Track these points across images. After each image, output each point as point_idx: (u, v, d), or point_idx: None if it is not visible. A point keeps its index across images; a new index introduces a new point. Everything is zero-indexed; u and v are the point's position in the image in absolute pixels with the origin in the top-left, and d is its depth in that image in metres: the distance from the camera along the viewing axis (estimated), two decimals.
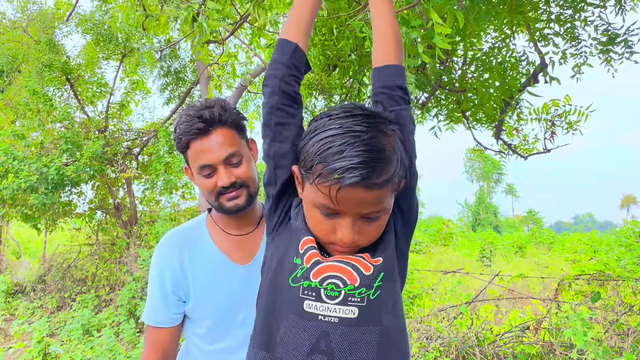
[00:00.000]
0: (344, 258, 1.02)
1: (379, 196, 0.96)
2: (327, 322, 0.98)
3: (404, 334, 1.07)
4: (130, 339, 6.10)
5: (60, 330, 7.43)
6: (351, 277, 1.00)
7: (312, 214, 1.03)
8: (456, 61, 4.16)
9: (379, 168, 0.94)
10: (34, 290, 9.75)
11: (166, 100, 11.29)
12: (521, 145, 5.00)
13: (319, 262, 1.02)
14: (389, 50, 1.20)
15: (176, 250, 1.53)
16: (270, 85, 1.15)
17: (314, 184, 0.98)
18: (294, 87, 1.16)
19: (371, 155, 0.94)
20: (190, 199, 9.48)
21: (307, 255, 1.03)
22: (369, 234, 1.02)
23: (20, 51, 9.86)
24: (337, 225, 0.99)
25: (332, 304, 0.99)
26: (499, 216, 41.59)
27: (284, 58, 1.17)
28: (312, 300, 1.00)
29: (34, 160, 7.84)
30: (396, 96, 1.16)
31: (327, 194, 0.95)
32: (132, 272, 7.93)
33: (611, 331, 3.93)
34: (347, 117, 0.99)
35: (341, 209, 0.97)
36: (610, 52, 4.12)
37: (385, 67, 1.19)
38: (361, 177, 0.92)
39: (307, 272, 1.01)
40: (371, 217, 1.00)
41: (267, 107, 1.14)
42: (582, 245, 12.87)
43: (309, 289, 1.00)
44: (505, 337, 4.27)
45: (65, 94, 9.93)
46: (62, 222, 9.80)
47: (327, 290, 0.99)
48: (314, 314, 0.99)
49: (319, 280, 1.00)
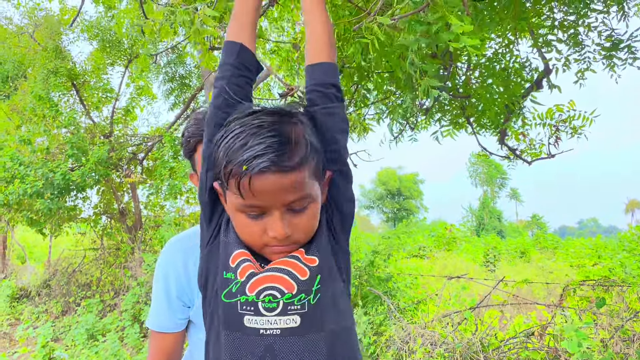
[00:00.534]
0: (278, 264, 0.99)
1: (295, 180, 0.94)
2: (269, 335, 0.96)
3: (352, 333, 1.06)
4: (135, 343, 6.11)
5: (64, 335, 7.45)
6: (287, 284, 0.97)
7: (239, 221, 1.00)
8: (460, 67, 4.18)
9: (287, 150, 0.93)
10: (39, 295, 9.79)
11: (171, 105, 11.35)
12: (527, 150, 5.01)
13: (253, 275, 0.98)
14: (322, 47, 1.19)
15: (180, 256, 1.54)
16: (217, 86, 1.13)
17: (230, 187, 0.96)
18: (244, 88, 1.14)
19: (275, 139, 0.93)
20: (195, 204, 9.50)
21: (241, 268, 1.00)
22: (302, 226, 0.99)
23: (27, 57, 9.94)
24: (266, 224, 0.97)
25: (271, 316, 0.96)
26: (502, 221, 41.45)
27: (230, 59, 1.15)
28: (251, 315, 0.97)
29: (40, 166, 7.89)
30: (330, 94, 1.15)
31: (244, 190, 0.93)
32: (136, 277, 7.95)
33: (616, 337, 3.91)
34: (247, 116, 0.99)
35: (263, 202, 0.94)
36: (614, 58, 4.13)
37: (319, 65, 1.18)
38: (270, 161, 0.91)
39: (243, 287, 0.98)
40: (297, 207, 0.97)
41: (211, 108, 1.11)
42: (586, 250, 12.82)
43: (247, 303, 0.98)
44: (509, 343, 4.26)
45: (71, 99, 10.00)
46: (67, 227, 9.84)
47: (265, 302, 0.96)
48: (255, 329, 0.97)
49: (255, 293, 0.97)
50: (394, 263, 8.78)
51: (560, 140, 4.78)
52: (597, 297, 4.17)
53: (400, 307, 5.82)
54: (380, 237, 10.36)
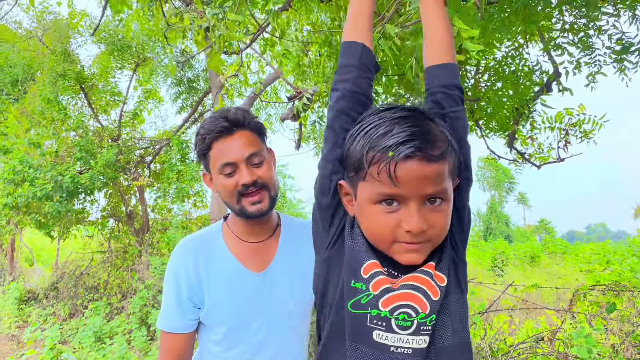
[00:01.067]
0: (413, 280, 0.97)
1: (438, 171, 0.92)
2: (399, 353, 0.95)
3: (468, 348, 1.03)
4: (142, 346, 6.12)
5: (72, 338, 7.47)
6: (422, 304, 0.95)
7: (372, 213, 0.97)
8: (469, 70, 4.16)
9: (431, 140, 0.92)
10: (47, 298, 9.83)
11: (179, 109, 11.38)
12: (535, 153, 4.98)
13: (389, 290, 0.96)
14: (445, 48, 1.15)
15: (191, 257, 1.54)
16: (339, 89, 1.10)
17: (369, 176, 0.95)
18: (366, 90, 1.11)
19: (420, 129, 0.93)
20: (202, 207, 9.52)
21: (375, 281, 0.97)
22: (437, 223, 0.96)
23: (36, 60, 10.01)
24: (402, 217, 0.94)
25: (404, 335, 0.95)
26: (510, 225, 41.28)
27: (354, 60, 1.11)
28: (382, 331, 0.95)
29: (49, 169, 7.93)
30: (455, 96, 1.12)
31: (387, 177, 0.91)
32: (143, 280, 7.97)
33: (627, 342, 3.87)
34: (386, 111, 0.99)
35: (404, 191, 0.92)
36: (624, 61, 4.11)
37: (443, 66, 1.14)
38: (416, 147, 0.90)
39: (375, 300, 0.96)
40: (435, 202, 0.95)
41: (334, 111, 1.08)
42: (595, 255, 12.73)
43: (378, 318, 0.96)
44: (519, 348, 4.22)
45: (79, 102, 10.06)
46: (75, 230, 9.89)
47: (399, 320, 0.95)
48: (385, 345, 0.95)
49: (389, 309, 0.95)
50: None
51: (570, 144, 4.76)
52: (607, 302, 4.13)
53: None
54: None
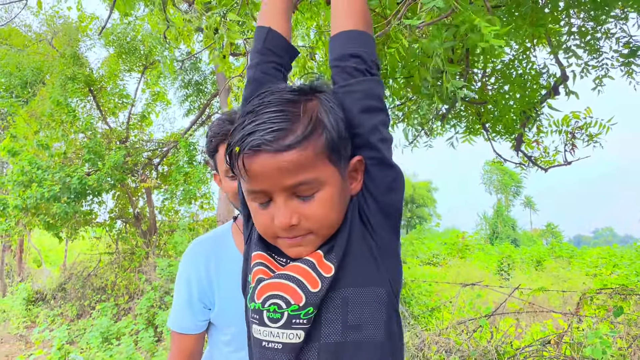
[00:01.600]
0: (290, 270, 0.90)
1: (292, 161, 0.84)
2: (270, 348, 0.88)
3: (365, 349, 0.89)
4: (149, 347, 6.15)
5: (79, 338, 7.51)
6: (295, 295, 0.86)
7: (253, 210, 0.93)
8: (476, 72, 4.18)
9: (283, 127, 0.84)
10: (55, 298, 9.89)
11: (186, 111, 11.45)
12: (542, 157, 4.98)
13: (261, 280, 0.90)
14: (347, 14, 1.01)
15: (202, 258, 1.56)
16: (248, 76, 1.06)
17: (235, 172, 0.90)
18: (272, 75, 1.05)
19: (269, 117, 0.85)
20: (209, 209, 9.56)
21: (253, 272, 0.93)
22: (311, 215, 0.87)
23: (45, 63, 10.11)
24: (273, 212, 0.88)
25: (274, 328, 0.87)
26: (517, 229, 41.08)
27: (258, 45, 1.07)
28: (257, 324, 0.90)
29: (57, 170, 8.00)
30: (348, 67, 0.97)
31: (244, 173, 0.86)
32: (151, 282, 8.01)
33: (634, 346, 3.86)
34: (257, 97, 0.92)
35: (262, 187, 0.86)
36: (632, 65, 4.11)
37: (337, 35, 1.01)
38: (260, 139, 0.83)
39: (253, 292, 0.91)
40: (302, 192, 0.87)
41: (242, 100, 1.02)
42: (602, 259, 12.67)
43: (254, 310, 0.90)
44: (525, 351, 4.21)
45: (87, 105, 10.14)
46: (83, 231, 9.95)
47: (269, 312, 0.88)
48: (258, 340, 0.90)
49: (261, 300, 0.89)
50: (407, 270, 8.75)
51: (576, 147, 4.76)
52: (614, 306, 4.12)
53: (414, 314, 5.79)
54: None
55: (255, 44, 1.08)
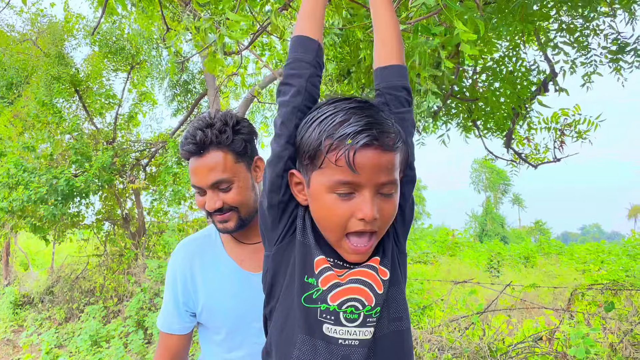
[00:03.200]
0: (359, 274, 1.00)
1: (392, 161, 0.96)
2: (347, 345, 0.98)
3: (408, 334, 1.08)
4: (139, 349, 6.08)
5: (68, 342, 7.42)
6: (368, 297, 0.99)
7: (326, 203, 0.98)
8: (467, 70, 4.18)
9: (386, 130, 0.95)
10: (42, 302, 9.76)
11: (174, 111, 11.36)
12: (532, 154, 5.00)
13: (338, 285, 0.99)
14: (392, 49, 1.17)
15: (188, 261, 1.56)
16: (294, 84, 1.08)
17: (326, 164, 0.96)
18: (317, 88, 1.12)
19: (376, 119, 0.96)
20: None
21: (323, 277, 1.00)
22: (387, 213, 0.99)
23: (30, 63, 9.97)
24: (356, 205, 0.96)
25: (351, 327, 0.98)
26: (505, 227, 41.38)
27: (309, 57, 1.10)
28: (331, 324, 0.98)
29: (44, 172, 7.89)
30: (401, 97, 1.14)
31: (345, 164, 0.93)
32: (140, 283, 7.93)
33: (625, 341, 3.88)
34: (339, 101, 1.01)
35: (360, 179, 0.94)
36: (620, 61, 4.13)
37: (390, 67, 1.16)
38: (373, 136, 0.93)
39: (324, 295, 0.99)
40: (386, 191, 0.97)
41: (289, 107, 1.06)
42: (590, 255, 12.79)
43: (327, 312, 0.98)
44: (517, 348, 4.23)
45: (73, 105, 10.02)
46: (71, 233, 9.83)
47: (347, 313, 0.98)
48: (334, 338, 0.98)
49: (337, 303, 0.98)
50: None
51: (565, 144, 4.79)
52: (605, 302, 4.15)
53: None
54: None
55: (302, 54, 1.10)
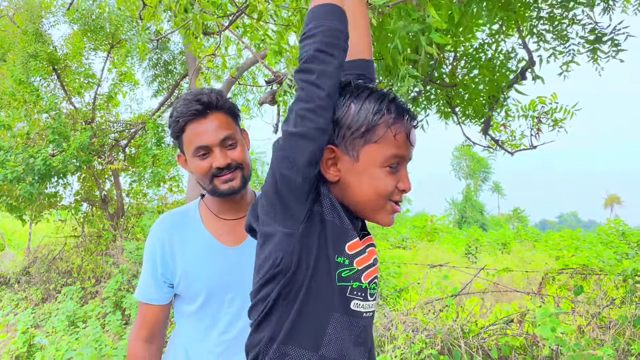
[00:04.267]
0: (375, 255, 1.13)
1: None
2: (366, 317, 1.09)
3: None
4: (117, 330, 6.08)
5: (45, 322, 7.37)
6: (378, 274, 1.12)
7: (377, 176, 1.06)
8: (447, 56, 4.20)
9: None
10: (18, 282, 9.66)
11: (154, 92, 11.21)
12: (508, 141, 5.08)
13: (370, 266, 1.08)
14: (366, 46, 1.29)
15: (167, 234, 1.60)
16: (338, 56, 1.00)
17: (385, 138, 1.04)
18: None
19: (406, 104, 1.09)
20: (178, 192, 9.45)
21: (359, 258, 1.06)
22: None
23: (6, 40, 9.74)
24: (399, 177, 1.08)
25: (371, 301, 1.10)
26: (485, 214, 41.96)
27: (345, 29, 1.04)
28: (360, 300, 1.06)
29: (20, 151, 7.77)
30: None
31: (405, 139, 1.05)
32: (118, 265, 7.90)
33: (593, 324, 4.01)
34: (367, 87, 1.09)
35: (407, 153, 1.08)
36: (597, 51, 4.20)
37: (367, 62, 1.28)
38: (415, 118, 1.08)
39: (359, 274, 1.06)
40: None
41: (334, 80, 0.99)
42: (564, 242, 13.06)
43: (359, 289, 1.06)
44: (489, 330, 4.33)
45: (51, 84, 9.83)
46: (48, 214, 9.72)
47: (371, 289, 1.09)
48: (359, 312, 1.07)
49: (368, 281, 1.08)
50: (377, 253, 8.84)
51: (541, 132, 4.87)
52: (575, 285, 4.27)
53: (382, 295, 5.87)
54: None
55: (338, 24, 1.02)
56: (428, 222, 17.75)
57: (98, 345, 5.01)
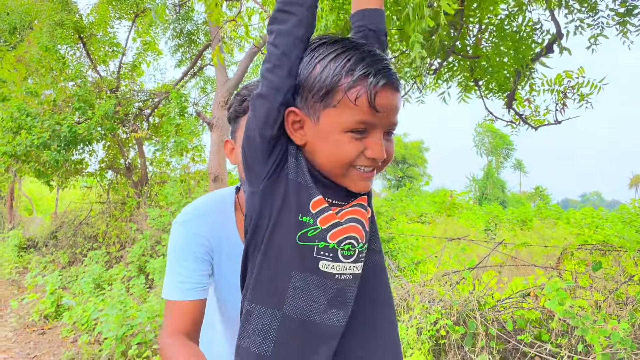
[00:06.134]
0: (354, 214, 1.04)
1: (400, 102, 1.01)
2: (343, 279, 1.02)
3: (385, 270, 1.16)
4: (140, 293, 6.28)
5: (72, 284, 7.65)
6: (361, 235, 1.04)
7: (337, 141, 0.98)
8: (471, 27, 4.15)
9: (394, 71, 0.98)
10: (46, 246, 9.99)
11: (178, 62, 11.27)
12: (532, 116, 5.01)
13: (338, 224, 1.02)
14: None
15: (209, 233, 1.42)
16: (296, 13, 1.01)
17: (343, 102, 0.95)
18: (315, 20, 1.06)
19: (385, 60, 0.98)
20: (200, 162, 9.57)
21: (323, 216, 1.01)
22: (390, 154, 1.03)
23: (33, 8, 9.85)
24: (368, 144, 0.98)
25: (347, 263, 1.02)
26: (506, 191, 41.53)
27: None
28: (328, 261, 1.01)
29: (47, 118, 7.94)
30: (384, 41, 1.17)
31: (366, 103, 0.94)
32: (142, 231, 8.10)
33: (610, 299, 4.02)
34: (341, 40, 1.01)
35: (376, 119, 0.96)
36: (627, 24, 4.10)
37: (373, 10, 1.18)
38: (389, 77, 0.95)
39: (323, 234, 1.01)
40: (392, 131, 1.02)
41: (291, 38, 1.00)
42: (587, 219, 12.89)
43: (325, 249, 1.01)
44: (505, 303, 4.37)
45: (77, 52, 9.96)
46: (74, 180, 9.95)
47: (344, 250, 1.02)
48: (330, 273, 1.01)
49: (336, 241, 1.01)
50: (395, 226, 8.89)
51: (567, 107, 4.80)
52: (593, 261, 4.26)
53: (400, 267, 5.93)
54: (384, 199, 10.40)
55: None
56: (448, 197, 17.67)
57: (123, 307, 5.19)
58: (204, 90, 12.52)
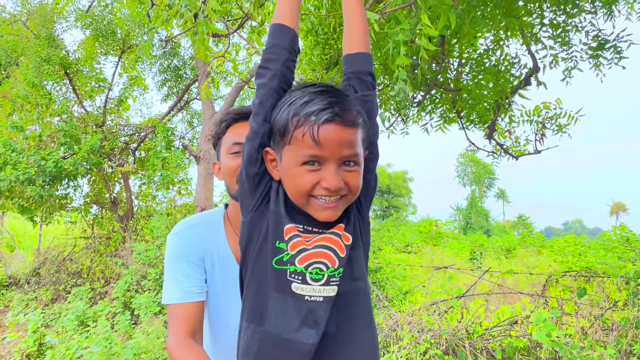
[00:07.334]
0: (324, 241, 1.14)
1: (353, 136, 1.09)
2: (313, 301, 1.12)
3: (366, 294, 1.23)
4: (126, 329, 6.17)
5: (54, 322, 7.48)
6: (331, 260, 1.13)
7: (296, 174, 1.10)
8: (452, 62, 4.30)
9: (348, 108, 1.08)
10: (28, 283, 9.78)
11: (164, 96, 11.37)
12: (513, 146, 5.15)
13: (304, 250, 1.12)
14: (362, 39, 1.31)
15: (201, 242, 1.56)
16: (271, 68, 1.18)
17: (294, 139, 1.08)
18: (292, 72, 1.23)
19: (338, 99, 1.09)
20: (187, 195, 9.57)
21: (292, 242, 1.12)
22: (351, 183, 1.11)
23: (19, 44, 9.92)
24: (322, 175, 1.08)
25: (316, 286, 1.12)
26: (490, 220, 41.83)
27: (285, 43, 1.21)
28: (298, 283, 1.12)
29: (32, 153, 7.91)
30: (367, 82, 1.27)
31: (310, 139, 1.06)
32: (127, 266, 8.00)
33: (596, 325, 4.07)
34: (307, 87, 1.13)
35: (324, 152, 1.07)
36: (600, 57, 4.28)
37: (358, 55, 1.29)
38: (334, 113, 1.05)
39: (293, 259, 1.12)
40: (351, 162, 1.10)
41: (266, 89, 1.17)
42: (569, 247, 13.05)
43: (295, 273, 1.12)
44: (493, 331, 4.40)
45: (63, 88, 10.00)
46: (58, 216, 9.84)
47: (312, 274, 1.12)
48: (301, 295, 1.12)
49: (304, 266, 1.11)
50: (382, 256, 8.91)
51: (546, 137, 4.95)
52: (578, 288, 4.33)
53: (388, 297, 5.94)
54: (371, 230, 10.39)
55: (279, 40, 1.22)
56: (433, 227, 17.76)
57: (108, 344, 5.10)
58: (190, 124, 12.61)
